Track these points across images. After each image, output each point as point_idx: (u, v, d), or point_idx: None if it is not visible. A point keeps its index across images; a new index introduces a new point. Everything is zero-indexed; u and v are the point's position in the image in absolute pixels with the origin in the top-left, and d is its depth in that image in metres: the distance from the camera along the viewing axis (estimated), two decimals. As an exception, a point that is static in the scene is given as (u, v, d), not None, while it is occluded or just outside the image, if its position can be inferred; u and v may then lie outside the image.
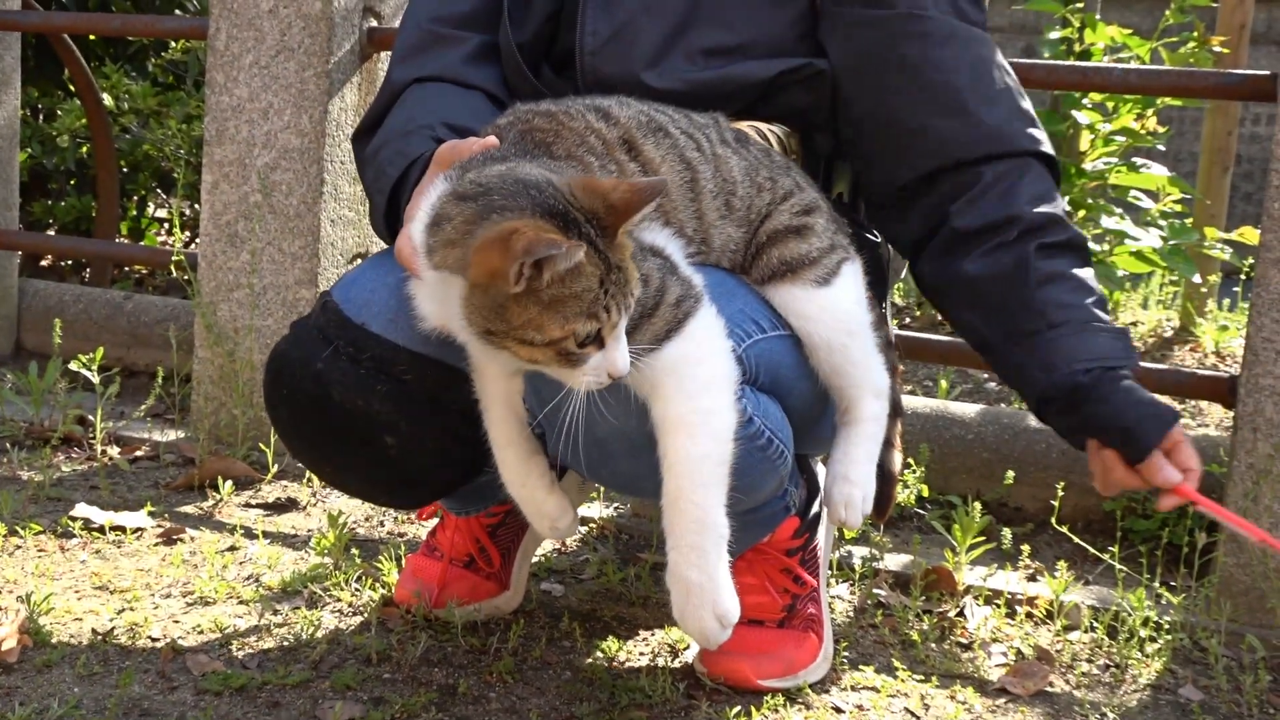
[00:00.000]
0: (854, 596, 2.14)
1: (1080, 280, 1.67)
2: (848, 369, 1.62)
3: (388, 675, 1.74)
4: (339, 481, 1.75)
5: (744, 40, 1.72)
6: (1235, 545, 2.10)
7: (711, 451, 1.42)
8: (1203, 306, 3.97)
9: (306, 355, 1.58)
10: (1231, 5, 3.97)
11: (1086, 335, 1.63)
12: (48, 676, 1.69)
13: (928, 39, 1.69)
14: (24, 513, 2.31)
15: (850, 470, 1.63)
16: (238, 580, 2.06)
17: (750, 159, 1.62)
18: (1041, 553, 2.39)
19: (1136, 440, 1.58)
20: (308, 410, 1.60)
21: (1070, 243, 1.68)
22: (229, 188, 2.80)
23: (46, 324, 3.34)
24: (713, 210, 1.56)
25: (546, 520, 1.61)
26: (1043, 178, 1.71)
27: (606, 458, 1.50)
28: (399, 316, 1.55)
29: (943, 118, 1.69)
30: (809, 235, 1.60)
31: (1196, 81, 2.48)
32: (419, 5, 1.84)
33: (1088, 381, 1.60)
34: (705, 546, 1.43)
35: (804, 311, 1.60)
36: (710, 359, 1.44)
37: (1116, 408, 1.59)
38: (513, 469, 1.58)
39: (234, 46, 2.77)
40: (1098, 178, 3.87)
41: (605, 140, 1.50)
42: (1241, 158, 7.91)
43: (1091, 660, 1.95)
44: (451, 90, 1.75)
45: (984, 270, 1.67)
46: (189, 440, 2.82)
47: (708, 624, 1.46)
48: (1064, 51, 3.90)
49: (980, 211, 1.68)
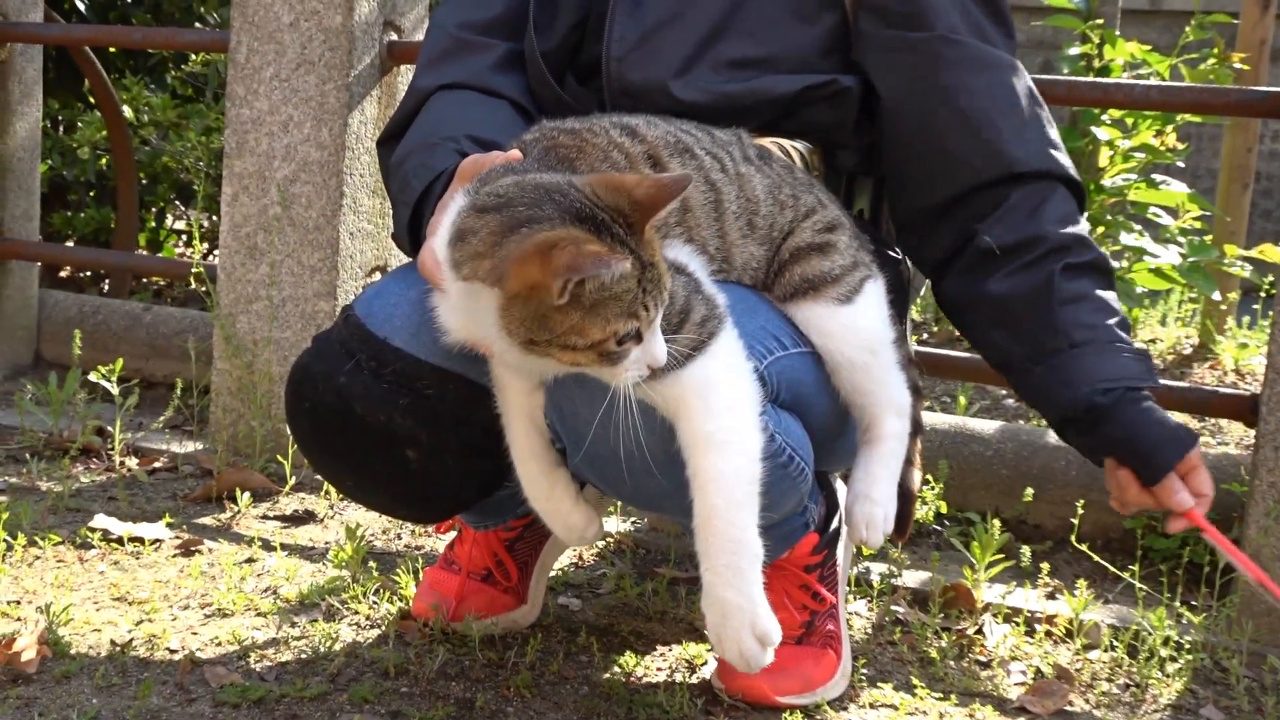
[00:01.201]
0: (872, 613, 2.13)
1: (1103, 301, 1.67)
2: (869, 387, 1.62)
3: (405, 689, 1.74)
4: (359, 495, 1.75)
5: (770, 54, 1.72)
6: (1257, 565, 2.08)
7: (744, 469, 1.42)
8: (1222, 324, 3.96)
9: (329, 369, 1.58)
10: (1252, 21, 3.96)
11: (1108, 355, 1.63)
12: (66, 687, 1.70)
13: (963, 65, 1.70)
14: (43, 523, 2.32)
15: (872, 489, 1.63)
16: (255, 592, 2.06)
17: (773, 176, 1.62)
18: (1061, 571, 2.38)
19: (1151, 462, 1.58)
20: (329, 424, 1.59)
21: (1094, 264, 1.68)
22: (248, 200, 2.81)
23: (66, 335, 3.34)
24: (735, 230, 1.57)
25: (575, 532, 1.61)
26: (1067, 200, 1.72)
27: (626, 475, 1.50)
28: (421, 331, 1.54)
29: (974, 143, 1.70)
30: (831, 253, 1.60)
31: (1218, 98, 2.47)
32: (446, 12, 1.85)
33: (1107, 402, 1.60)
34: (741, 566, 1.42)
35: (826, 329, 1.60)
36: (736, 379, 1.44)
37: (1133, 429, 1.60)
38: (537, 483, 1.58)
39: (254, 59, 2.78)
40: (1117, 194, 3.85)
41: (629, 155, 1.51)
42: (1261, 175, 7.89)
43: (1111, 679, 1.94)
44: (476, 100, 1.75)
45: (1008, 290, 1.67)
46: (207, 452, 2.82)
47: (747, 645, 1.45)
48: (1083, 68, 3.89)
49: (1006, 231, 1.68)
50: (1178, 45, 3.84)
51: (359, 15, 2.72)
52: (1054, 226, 1.68)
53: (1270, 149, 8.30)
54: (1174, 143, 3.79)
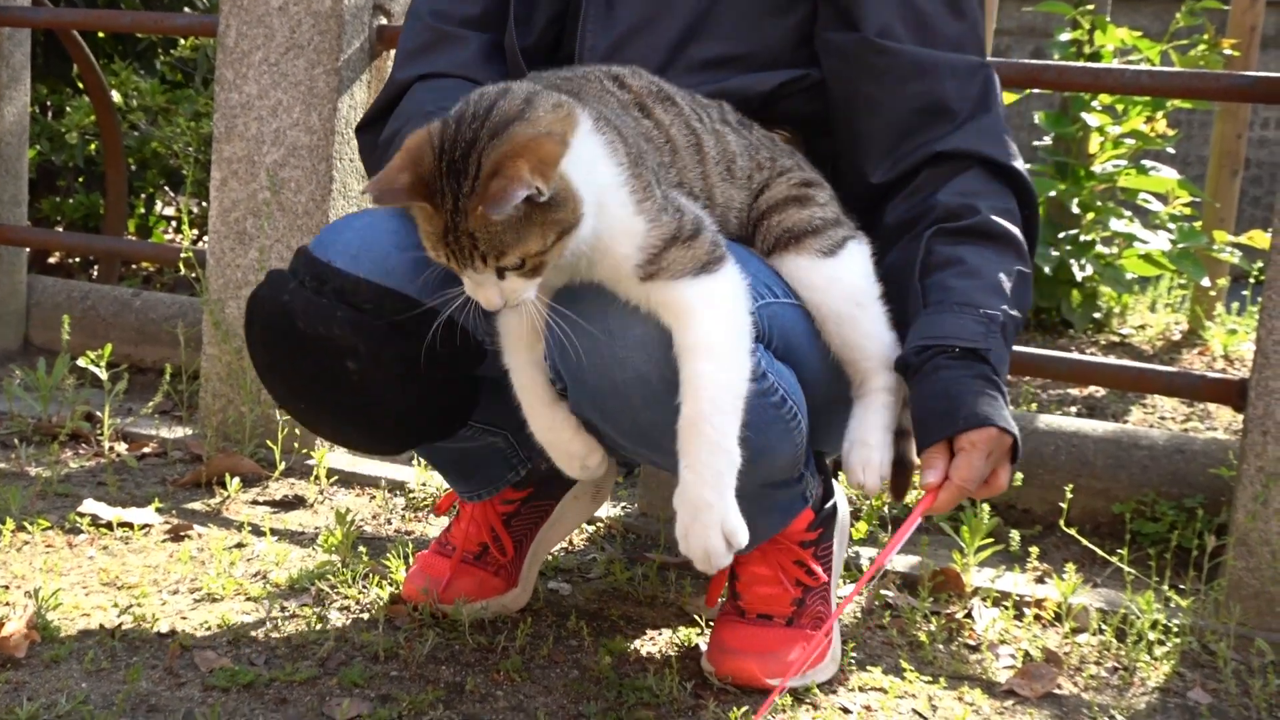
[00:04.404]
0: (862, 597, 2.13)
1: (975, 266, 1.60)
2: (858, 340, 1.62)
3: (395, 673, 1.74)
4: (312, 419, 1.75)
5: (744, 51, 1.74)
6: (1245, 549, 2.09)
7: (733, 382, 1.43)
8: (1211, 310, 3.97)
9: (275, 291, 1.63)
10: (1242, 8, 3.96)
11: (943, 314, 1.57)
12: (55, 672, 1.69)
13: (888, 75, 1.69)
14: (32, 509, 2.31)
15: (868, 435, 1.62)
16: (245, 577, 2.06)
17: (751, 140, 1.66)
18: (1050, 555, 2.39)
19: (921, 429, 1.55)
20: (277, 343, 1.64)
21: (975, 227, 1.63)
22: (238, 185, 2.80)
23: (55, 320, 3.34)
24: (715, 174, 1.60)
25: (576, 460, 1.61)
26: (979, 179, 1.68)
27: (626, 407, 1.51)
28: (362, 253, 1.60)
29: (893, 157, 1.70)
30: (809, 204, 1.62)
31: (1207, 83, 2.47)
32: (424, 3, 1.86)
33: (916, 362, 1.56)
34: (720, 468, 1.43)
35: (811, 282, 1.61)
36: (736, 305, 1.46)
37: (922, 393, 1.55)
38: (539, 415, 1.60)
39: (244, 44, 2.77)
40: (1107, 180, 3.87)
41: (621, 102, 1.55)
42: (1250, 161, 7.89)
43: (1100, 663, 1.95)
44: (458, 85, 1.77)
45: (893, 261, 1.66)
46: (196, 437, 2.82)
47: (713, 541, 1.44)
48: (1074, 54, 3.90)
49: (908, 209, 1.68)
50: (1168, 31, 3.85)
51: (348, -1, 2.71)
52: (946, 196, 1.65)
53: (1260, 136, 8.31)
54: (1164, 129, 3.80)
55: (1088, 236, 3.86)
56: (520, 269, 1.37)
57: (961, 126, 1.69)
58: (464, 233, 1.35)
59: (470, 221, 1.34)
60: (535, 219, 1.34)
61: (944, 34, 1.71)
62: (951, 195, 1.66)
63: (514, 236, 1.34)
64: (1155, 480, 2.48)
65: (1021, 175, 1.70)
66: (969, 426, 1.49)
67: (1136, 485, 2.48)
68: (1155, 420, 3.08)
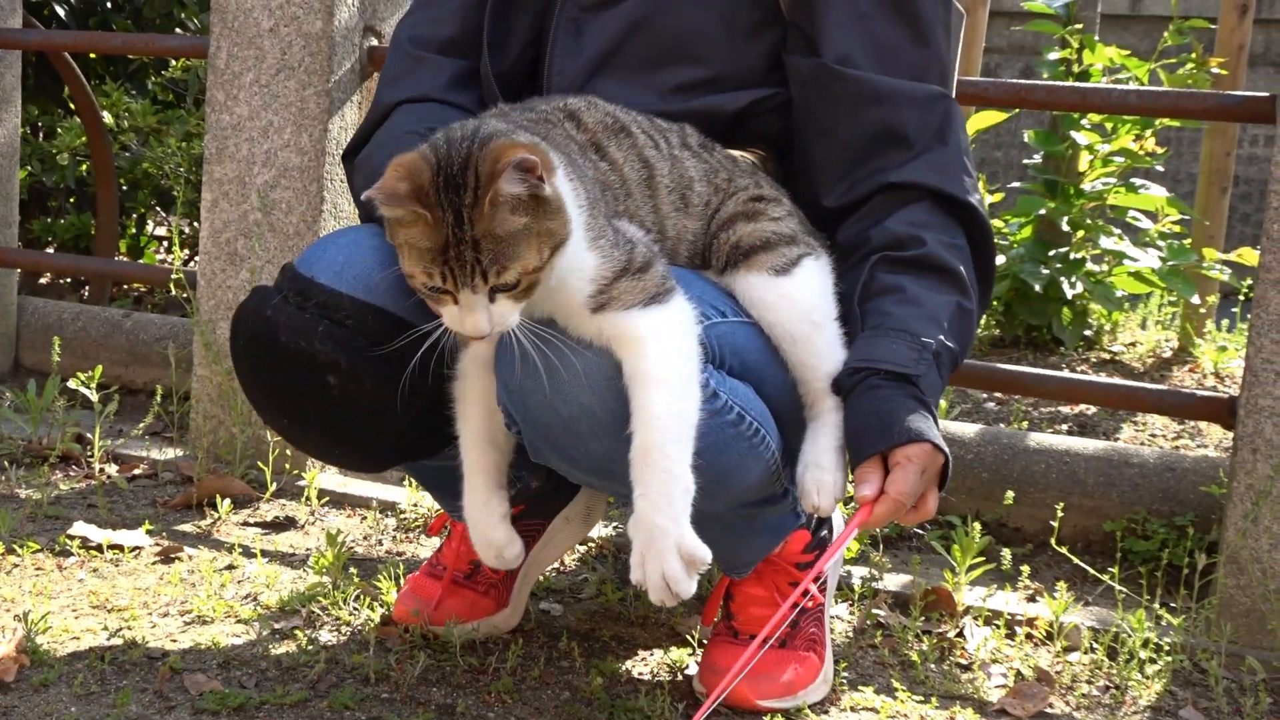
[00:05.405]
0: (853, 617, 2.13)
1: (914, 294, 1.61)
2: (810, 360, 1.61)
3: (386, 695, 1.74)
4: (296, 434, 1.74)
5: (715, 74, 1.75)
6: (1235, 567, 2.10)
7: (685, 410, 1.45)
8: (1201, 327, 3.98)
9: (259, 306, 1.65)
10: (1230, 26, 3.98)
11: (879, 339, 1.58)
12: (45, 695, 1.69)
13: (842, 102, 1.69)
14: (22, 531, 2.30)
15: (820, 458, 1.60)
16: (235, 599, 2.06)
17: (711, 163, 1.66)
18: (1041, 573, 2.39)
19: (853, 444, 1.55)
20: (261, 357, 1.65)
21: (920, 259, 1.63)
22: (229, 206, 2.80)
23: (45, 341, 3.33)
24: (668, 204, 1.61)
25: (493, 549, 1.64)
26: (928, 211, 1.67)
27: (578, 440, 1.51)
28: (345, 269, 1.62)
29: (848, 181, 1.70)
30: (760, 219, 1.62)
31: (1195, 102, 2.48)
32: (403, 27, 1.90)
33: (848, 384, 1.57)
34: (673, 494, 1.43)
35: (763, 300, 1.61)
36: (685, 336, 1.48)
37: (855, 412, 1.56)
38: (475, 492, 1.63)
39: (234, 65, 2.77)
40: (1096, 198, 3.88)
41: (580, 144, 1.57)
42: (1240, 179, 7.92)
43: (1091, 681, 1.95)
44: (438, 109, 1.80)
45: (840, 284, 1.66)
46: (187, 459, 2.81)
47: (670, 565, 1.42)
48: (1063, 73, 3.92)
49: (854, 235, 1.68)
50: (1156, 50, 3.86)
51: (339, 21, 2.71)
52: (894, 225, 1.65)
53: (1249, 153, 8.34)
54: (1153, 147, 3.81)
55: (1078, 254, 3.87)
56: (513, 289, 1.37)
57: (918, 157, 1.68)
58: (467, 244, 1.35)
59: (478, 226, 1.34)
60: (533, 229, 1.36)
61: (905, 61, 1.71)
62: (900, 224, 1.65)
63: (513, 250, 1.36)
64: (1146, 498, 2.48)
65: (975, 210, 1.69)
66: (904, 441, 1.49)
67: (1127, 503, 2.49)
68: (1146, 438, 3.09)
